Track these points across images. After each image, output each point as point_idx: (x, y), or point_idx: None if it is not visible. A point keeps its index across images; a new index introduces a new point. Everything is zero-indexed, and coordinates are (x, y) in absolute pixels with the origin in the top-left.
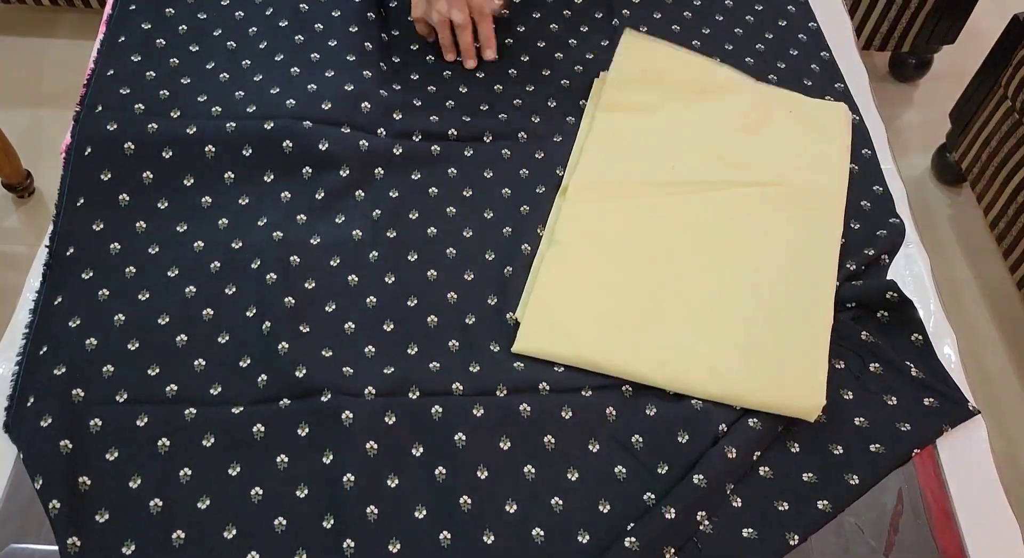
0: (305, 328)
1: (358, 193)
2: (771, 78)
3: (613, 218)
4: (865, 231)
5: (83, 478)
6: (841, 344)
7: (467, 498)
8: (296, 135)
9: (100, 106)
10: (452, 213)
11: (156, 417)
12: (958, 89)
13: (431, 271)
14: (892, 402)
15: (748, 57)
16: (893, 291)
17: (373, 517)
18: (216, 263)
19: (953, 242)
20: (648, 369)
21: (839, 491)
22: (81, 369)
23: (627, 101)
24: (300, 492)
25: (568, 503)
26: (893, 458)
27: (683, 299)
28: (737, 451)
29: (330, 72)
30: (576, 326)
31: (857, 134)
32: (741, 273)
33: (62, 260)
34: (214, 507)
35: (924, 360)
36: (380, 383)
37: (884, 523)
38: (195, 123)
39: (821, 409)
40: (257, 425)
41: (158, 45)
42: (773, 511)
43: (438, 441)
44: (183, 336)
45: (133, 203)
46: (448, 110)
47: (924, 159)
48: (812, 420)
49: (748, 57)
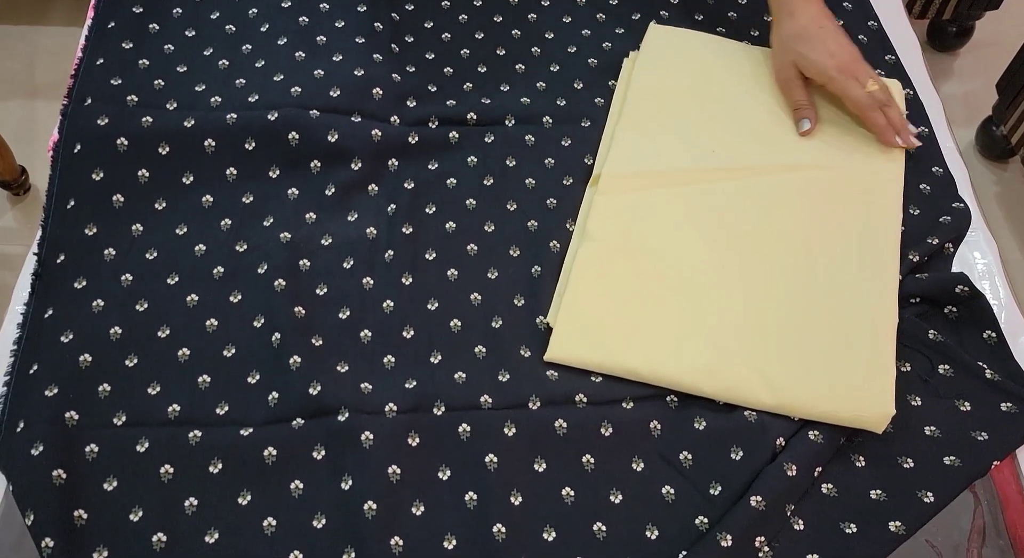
0: (318, 340)
1: (371, 187)
2: None
3: (649, 211)
4: (927, 217)
5: (79, 511)
6: (906, 344)
7: (501, 526)
8: (303, 126)
9: (89, 99)
10: (472, 205)
11: (158, 441)
12: (1002, 58)
13: (452, 270)
14: (965, 408)
15: None
16: (963, 284)
17: (398, 549)
18: (220, 268)
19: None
20: (695, 378)
21: (911, 510)
22: (75, 389)
23: (660, 83)
24: (317, 522)
25: (612, 529)
26: (970, 471)
27: (730, 299)
28: (798, 469)
29: (338, 56)
30: (614, 331)
31: (912, 111)
32: (793, 268)
33: (52, 268)
34: (223, 541)
35: (999, 360)
36: (402, 399)
37: (961, 543)
38: (193, 115)
39: (890, 419)
40: (269, 448)
41: (151, 30)
42: (839, 534)
43: (467, 463)
44: (185, 350)
45: (128, 204)
46: (466, 93)
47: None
48: (880, 431)
49: None
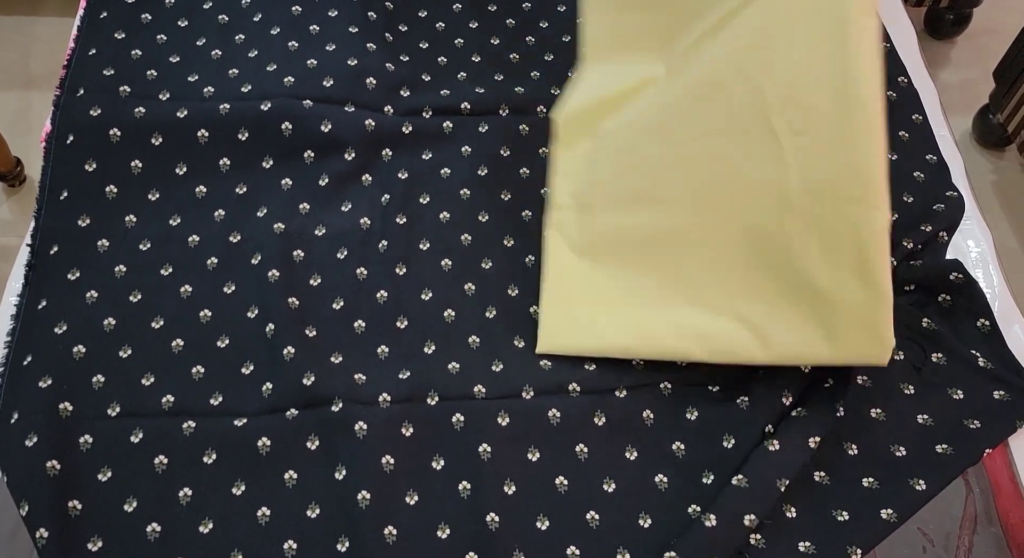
0: (312, 331)
1: (365, 177)
2: None
3: (606, 161)
4: (920, 205)
5: (73, 502)
6: (900, 333)
7: (494, 515)
8: (296, 116)
9: (82, 89)
10: (466, 196)
11: (152, 432)
12: (999, 46)
13: (445, 260)
14: (958, 396)
15: None
16: (958, 272)
17: (392, 538)
18: (213, 259)
19: (998, 210)
20: (686, 344)
21: (904, 498)
22: (69, 380)
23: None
24: (311, 512)
25: (605, 518)
26: (962, 459)
27: (704, 250)
28: (781, 443)
29: (331, 45)
30: (598, 312)
31: (906, 98)
32: (762, 201)
33: (45, 260)
34: (218, 530)
35: (992, 348)
36: (395, 389)
37: (953, 530)
38: (186, 106)
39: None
40: (263, 438)
41: (143, 20)
42: (832, 522)
43: (461, 453)
44: (179, 341)
45: (121, 195)
46: (460, 82)
47: (964, 122)
48: (885, 364)
49: None
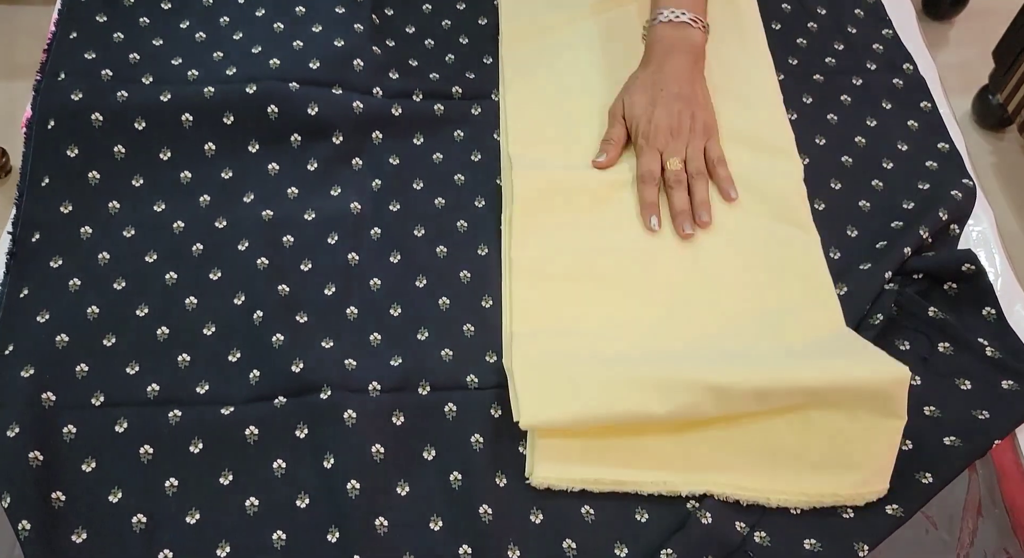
0: (302, 317)
1: (355, 161)
2: (810, 26)
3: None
4: (936, 194)
5: (56, 493)
6: (905, 323)
7: (487, 507)
8: (282, 99)
9: (63, 73)
10: (461, 181)
11: (137, 421)
12: (998, 26)
13: (440, 247)
14: (966, 387)
15: (785, 3)
16: (970, 263)
17: (383, 530)
18: (199, 246)
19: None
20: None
21: (910, 492)
22: (51, 369)
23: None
24: (300, 502)
25: (600, 511)
26: (970, 452)
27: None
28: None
29: (317, 27)
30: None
31: (913, 85)
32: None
33: (27, 247)
34: (205, 521)
35: (1000, 336)
36: (387, 377)
37: (956, 513)
38: (170, 89)
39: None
40: (250, 427)
41: (126, 3)
42: (837, 519)
43: (453, 443)
44: (164, 329)
45: (104, 181)
46: (449, 65)
47: (963, 103)
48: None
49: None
